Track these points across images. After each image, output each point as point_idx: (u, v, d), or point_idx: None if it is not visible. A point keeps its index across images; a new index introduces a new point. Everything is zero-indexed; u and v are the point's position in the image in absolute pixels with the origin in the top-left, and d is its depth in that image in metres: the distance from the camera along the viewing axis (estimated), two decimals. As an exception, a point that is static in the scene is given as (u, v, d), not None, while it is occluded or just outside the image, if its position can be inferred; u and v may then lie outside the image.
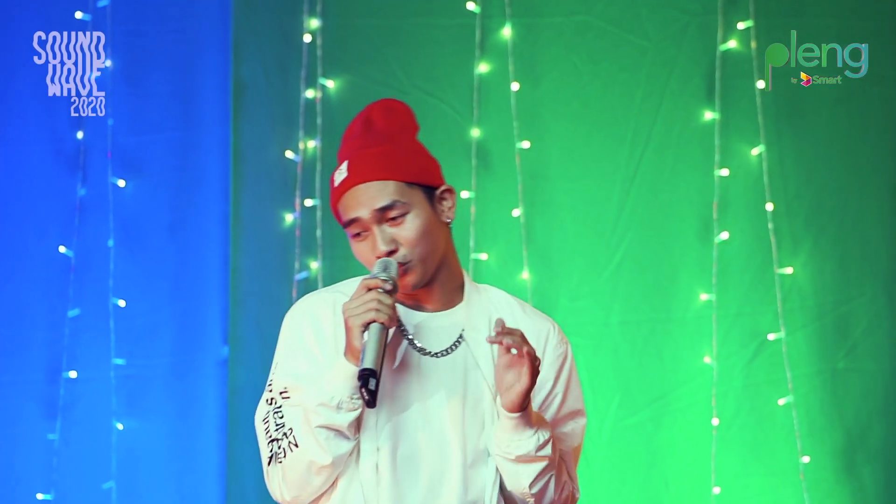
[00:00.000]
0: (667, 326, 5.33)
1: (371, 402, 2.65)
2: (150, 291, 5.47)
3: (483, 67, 5.37)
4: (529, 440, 2.71)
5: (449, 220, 2.83)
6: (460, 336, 2.82)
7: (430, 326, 2.81)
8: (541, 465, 2.74)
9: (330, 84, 5.39)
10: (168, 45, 5.53)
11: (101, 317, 5.45)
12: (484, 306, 2.86)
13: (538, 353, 2.78)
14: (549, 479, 2.77)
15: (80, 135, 5.49)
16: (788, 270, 5.30)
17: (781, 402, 5.27)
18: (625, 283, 5.35)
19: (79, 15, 5.45)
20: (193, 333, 5.45)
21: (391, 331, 2.75)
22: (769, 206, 5.30)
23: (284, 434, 2.77)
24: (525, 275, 5.33)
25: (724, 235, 5.30)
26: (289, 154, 5.39)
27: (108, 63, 5.48)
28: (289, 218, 5.38)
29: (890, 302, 5.30)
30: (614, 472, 5.31)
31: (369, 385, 2.64)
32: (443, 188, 2.83)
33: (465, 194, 5.32)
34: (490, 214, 5.35)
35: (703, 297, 5.30)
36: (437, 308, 2.84)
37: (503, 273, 5.33)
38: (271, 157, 5.43)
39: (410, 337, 2.80)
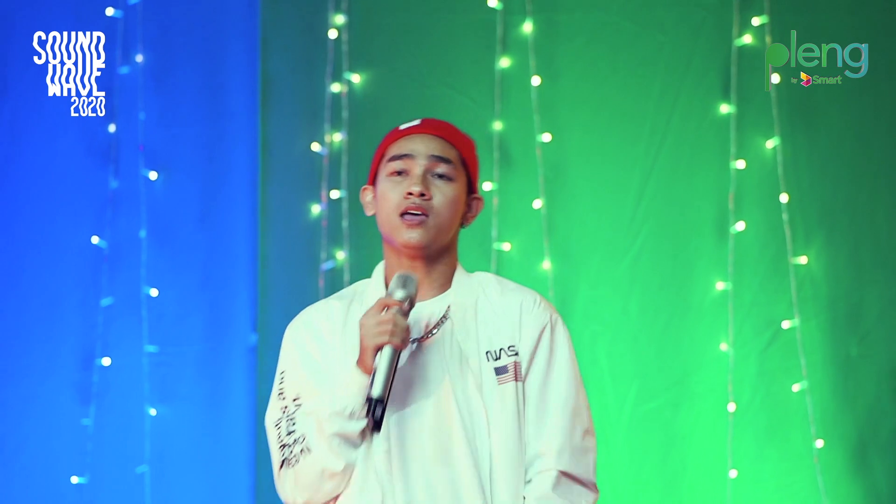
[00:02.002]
0: (684, 315, 5.31)
1: (376, 428, 2.74)
2: (180, 280, 5.48)
3: (504, 62, 5.37)
4: None
5: (467, 223, 2.94)
6: (444, 317, 2.88)
7: (419, 315, 2.87)
8: None
9: (355, 78, 5.41)
10: (197, 40, 5.54)
11: (133, 305, 5.46)
12: (473, 288, 2.92)
13: (514, 326, 2.86)
14: None
15: (112, 128, 5.50)
16: (802, 260, 5.28)
17: (796, 388, 5.25)
18: (643, 273, 5.33)
19: (110, 11, 5.48)
20: (223, 321, 5.46)
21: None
22: (784, 198, 5.27)
23: (296, 440, 2.82)
24: (546, 264, 5.33)
25: (740, 226, 5.29)
26: (315, 147, 5.41)
27: (140, 58, 5.49)
28: (315, 209, 5.40)
29: (902, 290, 5.29)
30: (633, 456, 5.30)
31: (375, 414, 2.72)
32: (476, 195, 2.95)
33: (487, 186, 5.31)
34: (512, 206, 5.35)
35: (720, 286, 5.28)
36: (428, 296, 2.90)
37: (524, 263, 5.33)
38: (298, 150, 5.44)
39: None
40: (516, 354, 2.87)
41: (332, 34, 5.42)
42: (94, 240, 5.49)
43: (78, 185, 5.53)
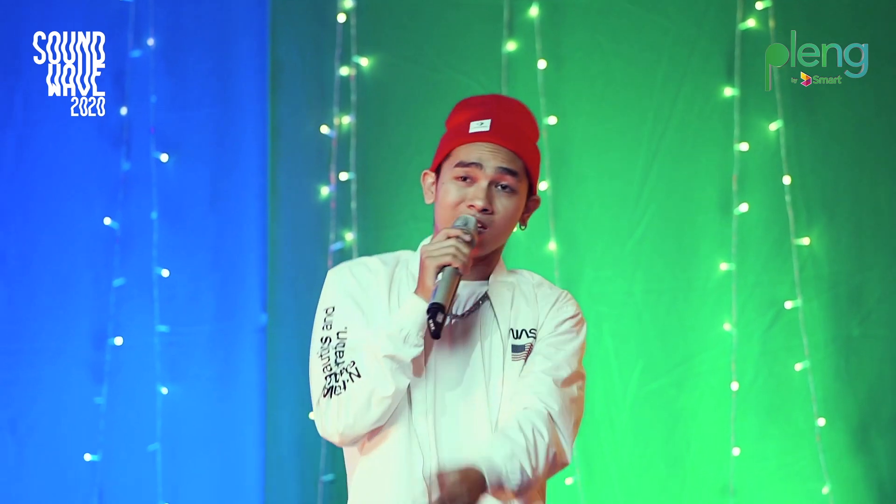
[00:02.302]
0: (688, 295, 5.32)
1: (437, 333, 2.80)
2: (191, 261, 5.52)
3: (511, 46, 5.40)
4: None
5: (524, 225, 3.02)
6: (484, 295, 2.97)
7: (461, 293, 2.97)
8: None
9: (363, 62, 5.44)
10: (208, 25, 5.58)
11: (145, 286, 5.52)
12: (509, 280, 3.03)
13: (546, 313, 2.98)
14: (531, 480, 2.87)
15: (123, 111, 5.54)
16: (805, 241, 5.28)
17: (798, 367, 5.25)
18: (648, 254, 5.35)
19: (122, -4, 5.52)
20: (233, 301, 5.51)
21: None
22: (786, 180, 5.27)
23: (344, 368, 2.88)
24: (552, 246, 5.36)
25: (744, 208, 5.29)
26: (324, 129, 5.44)
27: (151, 42, 5.53)
28: (324, 191, 5.44)
29: (903, 271, 5.28)
30: (638, 435, 5.33)
31: (437, 318, 2.79)
32: (535, 196, 3.02)
33: (493, 168, 5.38)
34: None
35: (723, 266, 5.30)
36: (471, 279, 2.99)
37: (531, 244, 5.35)
38: (307, 133, 5.47)
39: None
40: (534, 338, 2.98)
41: (341, 18, 5.46)
42: (107, 221, 5.54)
43: (90, 167, 5.57)
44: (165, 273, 5.52)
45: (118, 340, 5.51)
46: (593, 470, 5.34)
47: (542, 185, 5.35)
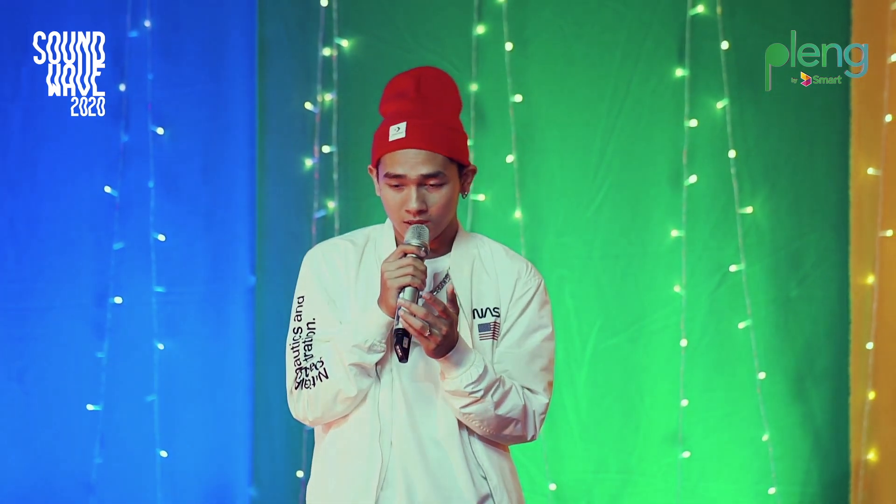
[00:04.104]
0: (642, 260, 5.43)
1: (404, 357, 2.86)
2: (185, 227, 5.60)
3: (480, 30, 5.50)
4: (454, 380, 2.91)
5: (465, 194, 3.05)
6: (446, 276, 3.04)
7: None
8: (467, 399, 2.92)
9: (345, 43, 5.54)
10: (200, 8, 5.64)
11: (142, 249, 5.60)
12: (470, 251, 3.07)
13: (510, 289, 3.04)
14: (485, 403, 2.92)
15: (122, 87, 5.60)
16: (748, 210, 5.38)
17: (741, 325, 5.38)
18: (605, 222, 5.45)
19: (119, -18, 5.56)
20: (224, 264, 5.58)
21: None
22: (732, 154, 5.38)
23: (314, 365, 2.97)
24: (518, 214, 5.47)
25: (693, 179, 5.40)
26: (308, 106, 5.55)
27: (148, 24, 5.58)
28: (308, 163, 5.54)
29: (837, 238, 5.35)
30: (596, 388, 5.46)
31: (403, 343, 2.84)
32: (470, 167, 3.04)
33: (465, 143, 5.53)
34: (486, 160, 5.45)
35: (674, 233, 5.42)
36: (431, 256, 3.03)
37: (498, 212, 5.45)
38: (292, 109, 5.57)
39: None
40: (498, 316, 3.03)
41: (324, 2, 5.54)
42: (107, 189, 5.63)
43: (92, 139, 5.63)
44: (161, 238, 5.59)
45: (118, 299, 5.59)
46: (554, 420, 5.44)
47: (509, 158, 5.43)
